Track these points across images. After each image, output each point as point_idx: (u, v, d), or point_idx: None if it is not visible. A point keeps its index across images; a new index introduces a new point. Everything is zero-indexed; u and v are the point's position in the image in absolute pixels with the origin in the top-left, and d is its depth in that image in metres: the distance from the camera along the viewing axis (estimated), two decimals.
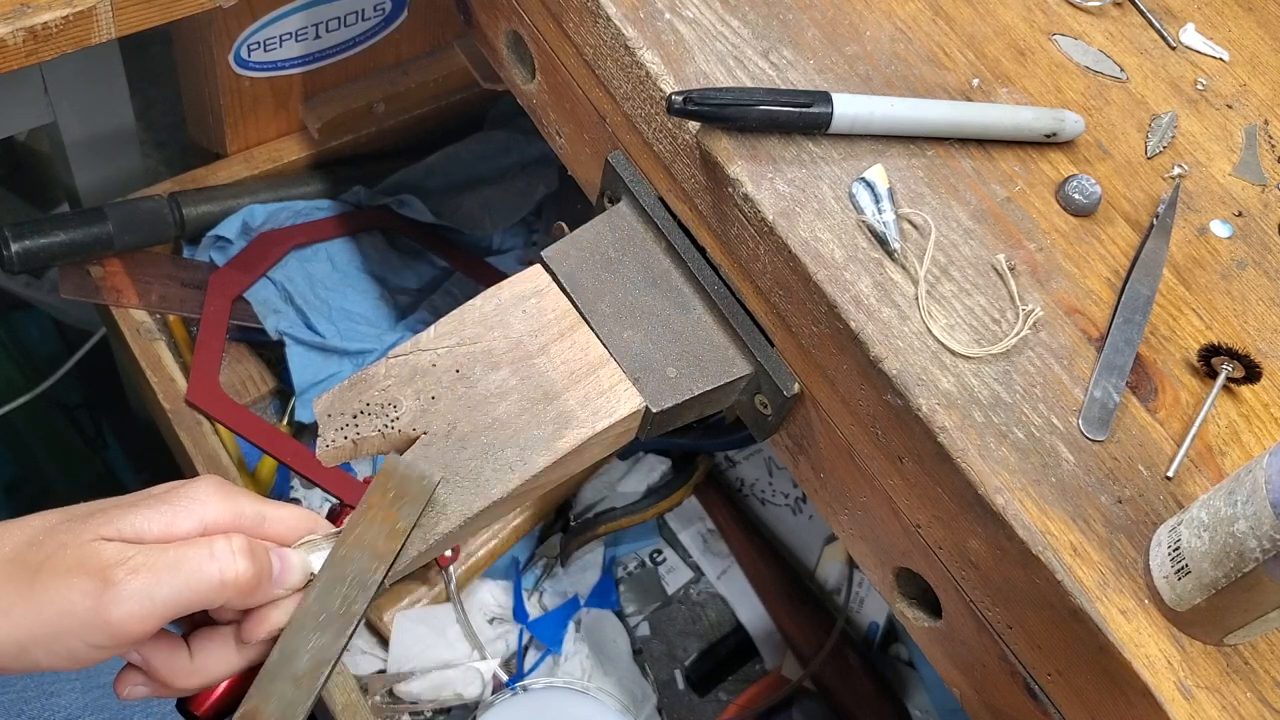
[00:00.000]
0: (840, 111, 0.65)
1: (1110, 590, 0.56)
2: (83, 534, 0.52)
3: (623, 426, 0.66)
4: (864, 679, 1.07)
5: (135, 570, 0.51)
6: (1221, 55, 0.79)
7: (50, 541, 0.52)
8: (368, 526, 0.57)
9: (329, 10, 1.03)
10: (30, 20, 0.75)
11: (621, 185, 0.72)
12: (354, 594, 0.56)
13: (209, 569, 0.52)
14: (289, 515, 0.58)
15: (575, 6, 0.71)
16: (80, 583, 0.50)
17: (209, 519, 0.54)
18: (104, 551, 0.51)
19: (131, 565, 0.51)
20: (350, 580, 0.56)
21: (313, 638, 0.55)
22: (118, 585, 0.50)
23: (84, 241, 1.00)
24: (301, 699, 0.54)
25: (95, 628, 0.50)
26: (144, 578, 0.51)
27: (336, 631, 0.55)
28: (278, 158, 1.12)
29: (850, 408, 0.63)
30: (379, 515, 0.58)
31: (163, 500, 0.54)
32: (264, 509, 0.57)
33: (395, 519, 0.58)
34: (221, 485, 0.56)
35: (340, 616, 0.55)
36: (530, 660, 1.05)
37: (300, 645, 0.55)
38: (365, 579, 0.56)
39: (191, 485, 0.56)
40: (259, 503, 0.57)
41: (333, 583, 0.56)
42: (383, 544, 0.57)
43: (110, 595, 0.50)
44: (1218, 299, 0.68)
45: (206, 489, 0.55)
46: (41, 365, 1.31)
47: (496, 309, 0.67)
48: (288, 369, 1.05)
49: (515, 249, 1.23)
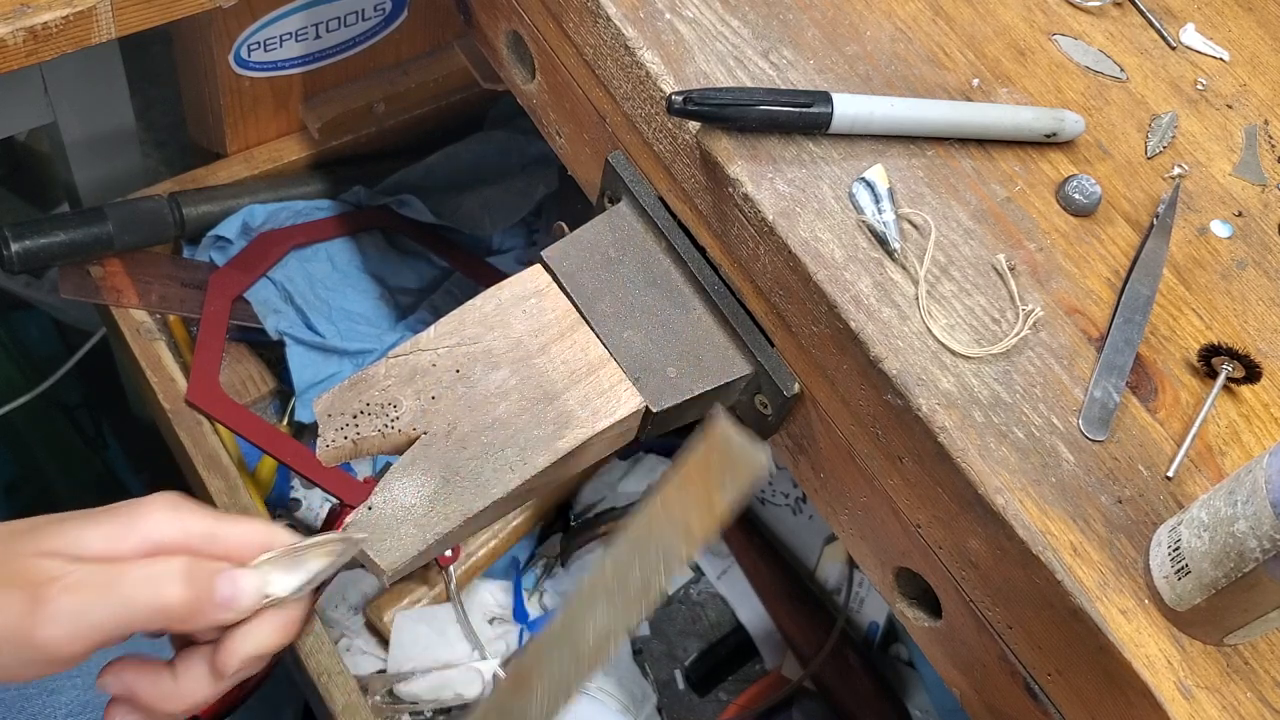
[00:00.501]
0: (840, 111, 0.65)
1: (1110, 590, 0.56)
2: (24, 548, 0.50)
3: (623, 426, 0.66)
4: (864, 679, 1.07)
5: (69, 589, 0.49)
6: (1221, 55, 0.79)
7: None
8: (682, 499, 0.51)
9: (329, 10, 1.03)
10: (30, 20, 0.75)
11: (621, 185, 0.72)
12: (656, 572, 0.50)
13: (144, 594, 0.50)
14: (243, 531, 0.55)
15: (575, 6, 0.71)
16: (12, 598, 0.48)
17: (156, 538, 0.52)
18: (41, 566, 0.49)
19: (65, 584, 0.49)
20: (653, 556, 0.50)
21: (603, 613, 0.50)
22: (48, 604, 0.48)
23: (84, 241, 1.00)
24: (578, 676, 0.50)
25: (23, 645, 0.48)
26: (77, 598, 0.49)
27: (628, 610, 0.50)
28: (278, 158, 1.12)
29: (850, 408, 0.63)
30: (697, 490, 0.51)
31: (108, 517, 0.52)
32: (215, 526, 0.54)
33: (715, 498, 0.51)
34: (173, 503, 0.54)
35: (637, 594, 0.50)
36: None
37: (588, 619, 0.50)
38: (670, 558, 0.50)
39: (141, 502, 0.53)
40: (211, 519, 0.54)
41: (634, 556, 0.50)
42: (696, 523, 0.51)
43: (40, 614, 0.48)
44: (1218, 299, 0.68)
45: (156, 506, 0.53)
46: (41, 365, 1.31)
47: (496, 309, 0.67)
48: (288, 369, 1.05)
49: (515, 249, 1.23)
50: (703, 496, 0.51)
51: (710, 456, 0.51)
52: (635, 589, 0.50)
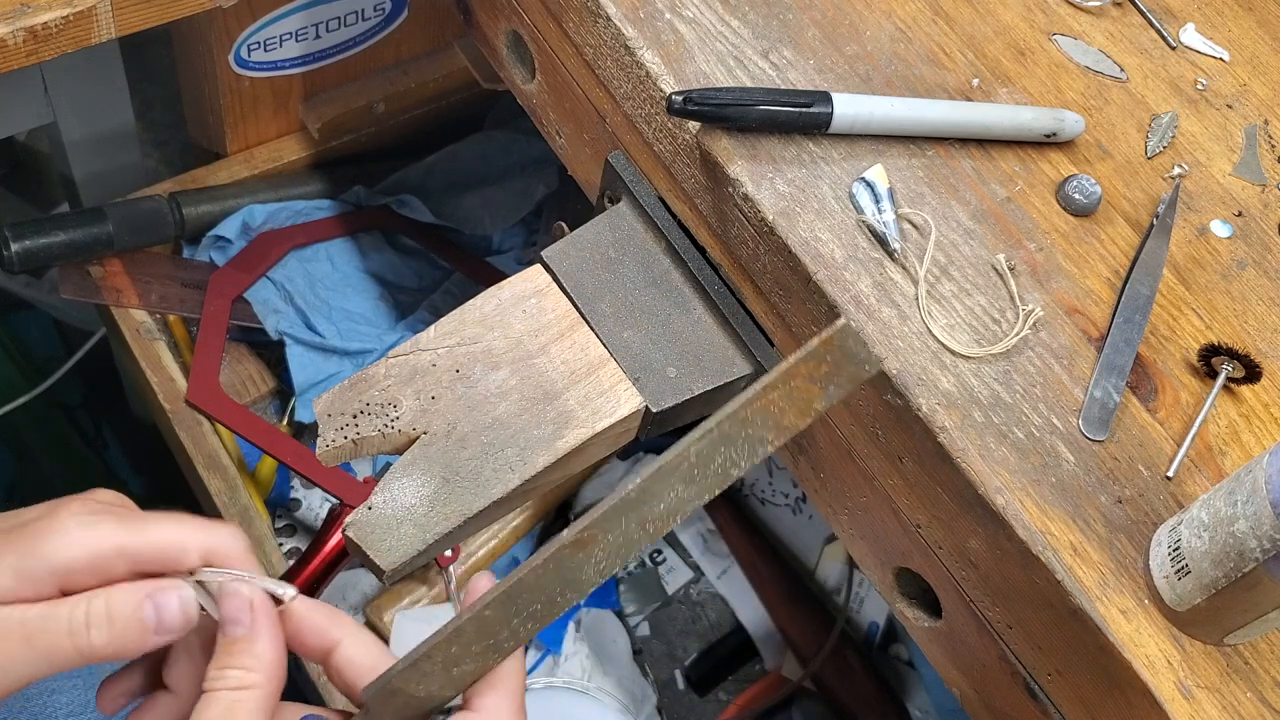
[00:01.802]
0: (840, 111, 0.65)
1: (1110, 590, 0.56)
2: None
3: (623, 426, 0.66)
4: (864, 679, 1.07)
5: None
6: (1221, 55, 0.79)
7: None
8: (784, 393, 0.50)
9: (329, 10, 1.03)
10: (30, 20, 0.75)
11: (621, 185, 0.72)
12: (738, 458, 0.50)
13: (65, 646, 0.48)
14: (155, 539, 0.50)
15: (575, 6, 0.71)
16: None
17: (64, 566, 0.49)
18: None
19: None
20: (740, 443, 0.50)
21: (678, 488, 0.50)
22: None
23: (84, 241, 1.00)
24: (642, 541, 0.50)
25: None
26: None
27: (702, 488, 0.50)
28: (278, 158, 1.12)
29: (850, 408, 0.63)
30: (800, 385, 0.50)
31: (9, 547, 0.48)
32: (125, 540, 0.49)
33: (816, 396, 0.50)
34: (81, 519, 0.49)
35: (714, 475, 0.50)
36: (530, 660, 1.05)
37: (662, 491, 0.50)
38: (756, 447, 0.50)
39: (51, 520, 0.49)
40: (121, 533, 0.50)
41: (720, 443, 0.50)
42: (790, 418, 0.50)
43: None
44: (1218, 299, 0.68)
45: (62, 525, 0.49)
46: (41, 365, 1.31)
47: (496, 309, 0.67)
48: (288, 369, 1.05)
49: (515, 249, 1.23)
50: (804, 394, 0.50)
51: (824, 354, 0.50)
52: (714, 473, 0.50)
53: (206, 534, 0.51)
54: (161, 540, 0.50)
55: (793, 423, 0.50)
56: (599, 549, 0.50)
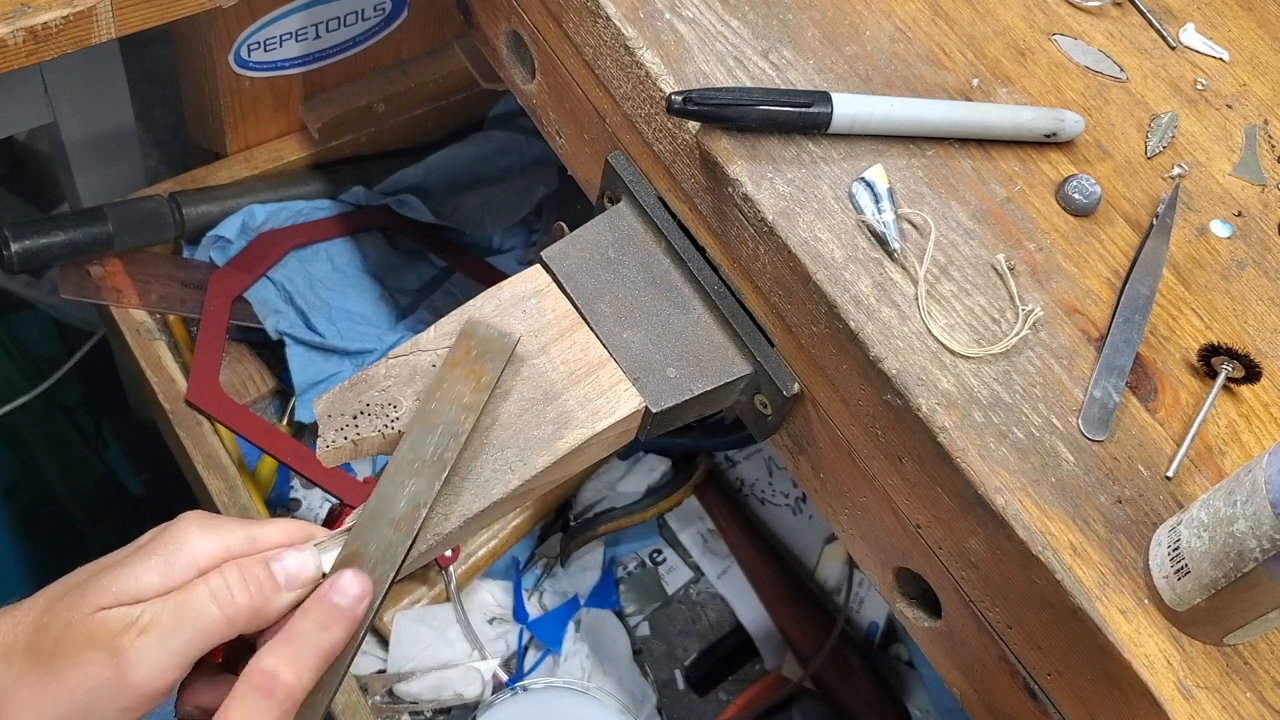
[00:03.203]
0: (840, 111, 0.65)
1: (1110, 590, 0.56)
2: (82, 607, 0.52)
3: (623, 426, 0.66)
4: (864, 679, 1.07)
5: (143, 631, 0.52)
6: (1221, 55, 0.79)
7: (55, 623, 0.52)
8: (453, 383, 0.60)
9: (329, 10, 1.03)
10: (30, 20, 0.75)
11: (621, 185, 0.72)
12: (445, 442, 0.58)
13: (211, 611, 0.53)
14: (277, 531, 0.58)
15: (575, 6, 0.71)
16: (95, 658, 0.51)
17: (201, 558, 0.55)
18: (108, 621, 0.52)
19: (138, 627, 0.52)
20: (441, 430, 0.59)
21: (408, 484, 0.57)
22: (129, 650, 0.51)
23: (84, 241, 1.00)
24: (400, 540, 0.56)
25: (120, 693, 0.51)
26: (153, 636, 0.52)
27: (430, 477, 0.58)
28: (278, 158, 1.12)
29: (850, 408, 0.63)
30: (463, 371, 0.61)
31: (151, 552, 0.55)
32: (251, 531, 0.57)
33: (480, 373, 0.61)
34: (203, 520, 0.56)
35: (433, 463, 0.58)
36: (530, 660, 1.06)
37: (396, 491, 0.57)
38: (455, 429, 0.59)
39: (175, 528, 0.56)
40: (244, 526, 0.57)
41: (424, 433, 0.59)
42: (470, 396, 0.60)
43: (126, 662, 0.51)
44: (1218, 299, 0.68)
45: (189, 528, 0.56)
46: (41, 365, 1.31)
47: (496, 309, 0.67)
48: (288, 369, 1.05)
49: (515, 249, 1.23)
50: (471, 375, 0.61)
51: (469, 343, 0.62)
52: (433, 461, 0.58)
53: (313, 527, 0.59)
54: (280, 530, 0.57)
55: (475, 399, 0.60)
56: (365, 562, 0.56)
